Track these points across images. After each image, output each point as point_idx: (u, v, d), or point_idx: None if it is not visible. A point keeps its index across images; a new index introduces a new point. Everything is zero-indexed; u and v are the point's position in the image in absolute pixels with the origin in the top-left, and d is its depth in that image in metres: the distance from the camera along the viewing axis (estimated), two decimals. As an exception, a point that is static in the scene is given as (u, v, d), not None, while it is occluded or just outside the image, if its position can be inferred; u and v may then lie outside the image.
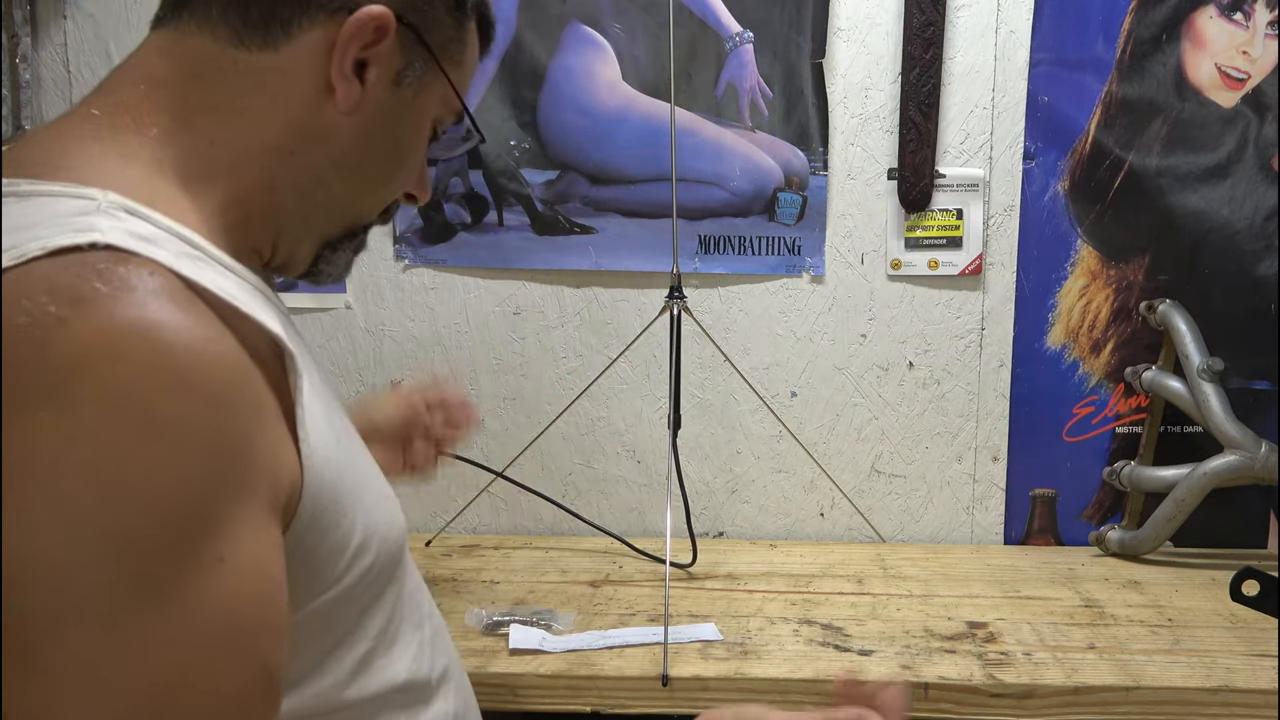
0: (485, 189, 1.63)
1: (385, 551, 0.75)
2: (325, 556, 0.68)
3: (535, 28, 1.59)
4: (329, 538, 0.68)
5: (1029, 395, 1.65)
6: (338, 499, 0.68)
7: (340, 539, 0.69)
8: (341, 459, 0.70)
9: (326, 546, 0.68)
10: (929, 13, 1.55)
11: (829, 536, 1.70)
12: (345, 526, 0.69)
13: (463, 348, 1.68)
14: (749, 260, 1.64)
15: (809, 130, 1.60)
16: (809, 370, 1.66)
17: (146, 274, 0.58)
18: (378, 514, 0.74)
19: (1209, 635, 1.28)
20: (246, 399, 0.60)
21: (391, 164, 0.78)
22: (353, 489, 0.71)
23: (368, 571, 0.72)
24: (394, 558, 0.77)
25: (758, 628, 1.29)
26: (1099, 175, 1.60)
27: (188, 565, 0.56)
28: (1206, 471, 1.52)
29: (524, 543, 1.65)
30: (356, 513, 0.71)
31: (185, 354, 0.57)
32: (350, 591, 0.71)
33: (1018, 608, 1.37)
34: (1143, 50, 1.58)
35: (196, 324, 0.58)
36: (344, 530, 0.69)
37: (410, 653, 0.79)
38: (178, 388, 0.56)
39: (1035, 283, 1.63)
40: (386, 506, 0.77)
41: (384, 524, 0.75)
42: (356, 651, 0.74)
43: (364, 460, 0.78)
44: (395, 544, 0.77)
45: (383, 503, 0.77)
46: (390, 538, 0.76)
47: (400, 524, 0.79)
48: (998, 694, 1.14)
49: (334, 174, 0.75)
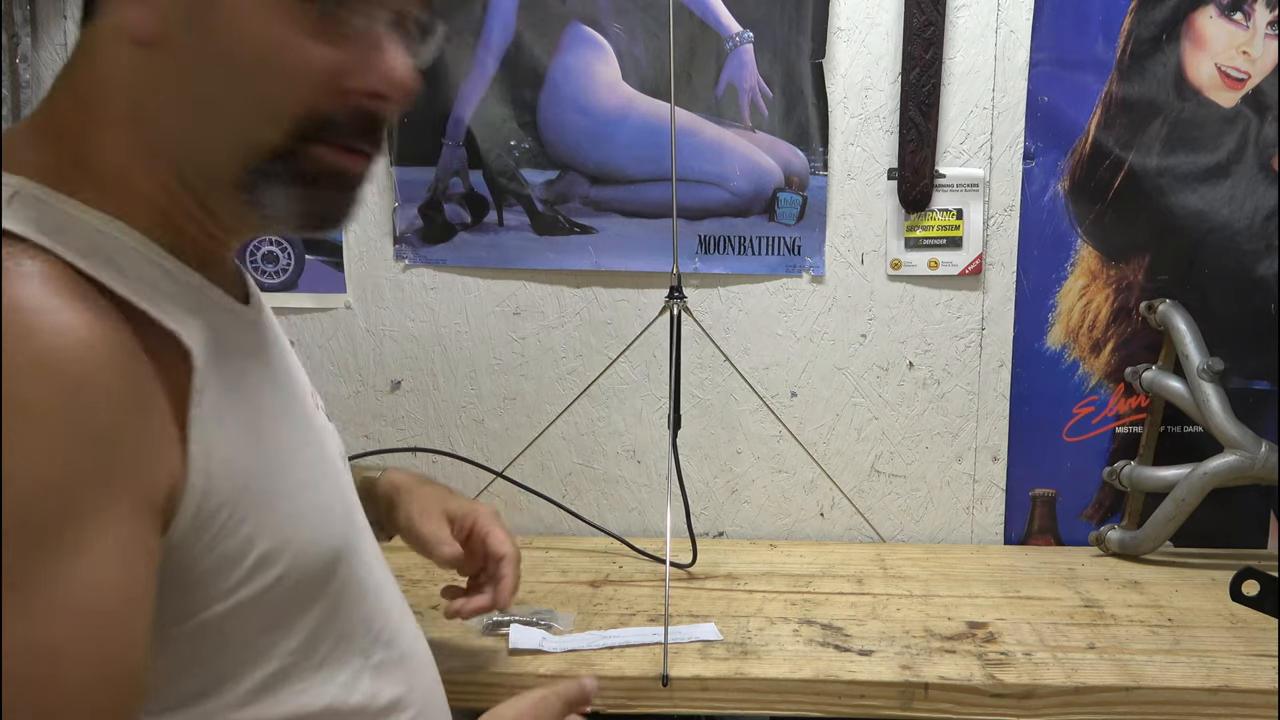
0: (485, 189, 1.63)
1: (301, 567, 0.72)
2: (215, 565, 0.66)
3: (535, 28, 1.59)
4: (220, 546, 0.66)
5: (1029, 395, 1.65)
6: (235, 507, 0.66)
7: (235, 549, 0.67)
8: (255, 466, 0.68)
9: (216, 555, 0.66)
10: (929, 13, 1.55)
11: (829, 536, 1.70)
12: (244, 536, 0.67)
13: (463, 348, 1.68)
14: (749, 260, 1.64)
15: (809, 130, 1.60)
16: (809, 370, 1.66)
17: (28, 260, 0.58)
18: (299, 527, 0.72)
19: (1209, 635, 1.28)
20: (115, 390, 0.59)
21: (230, 75, 0.66)
22: (262, 498, 0.69)
23: (273, 586, 0.69)
24: (317, 575, 0.74)
25: (758, 628, 1.29)
26: (1099, 175, 1.60)
27: (41, 549, 0.55)
28: (1206, 471, 1.52)
29: (524, 543, 1.63)
30: (262, 523, 0.68)
31: (48, 339, 0.56)
32: (250, 606, 0.68)
33: (1018, 608, 1.37)
34: (1143, 50, 1.58)
35: (67, 312, 0.58)
36: (241, 540, 0.67)
37: (340, 678, 0.76)
38: (34, 371, 0.56)
39: (1035, 283, 1.63)
40: (314, 520, 0.74)
41: (305, 538, 0.72)
42: (261, 671, 0.71)
43: (299, 469, 0.74)
44: (319, 560, 0.74)
45: (310, 515, 0.73)
46: (312, 553, 0.73)
47: (333, 541, 0.76)
48: (998, 694, 1.14)
49: (191, 114, 0.67)
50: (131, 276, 0.64)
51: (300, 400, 0.82)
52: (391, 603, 0.86)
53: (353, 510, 0.84)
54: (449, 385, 1.69)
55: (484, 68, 1.60)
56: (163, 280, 0.67)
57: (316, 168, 0.69)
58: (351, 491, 0.87)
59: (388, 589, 0.86)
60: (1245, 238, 1.60)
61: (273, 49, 0.66)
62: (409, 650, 0.86)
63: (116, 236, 0.66)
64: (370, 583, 0.82)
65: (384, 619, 0.83)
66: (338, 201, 0.72)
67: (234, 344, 0.72)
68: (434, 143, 1.62)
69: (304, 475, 0.75)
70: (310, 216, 0.71)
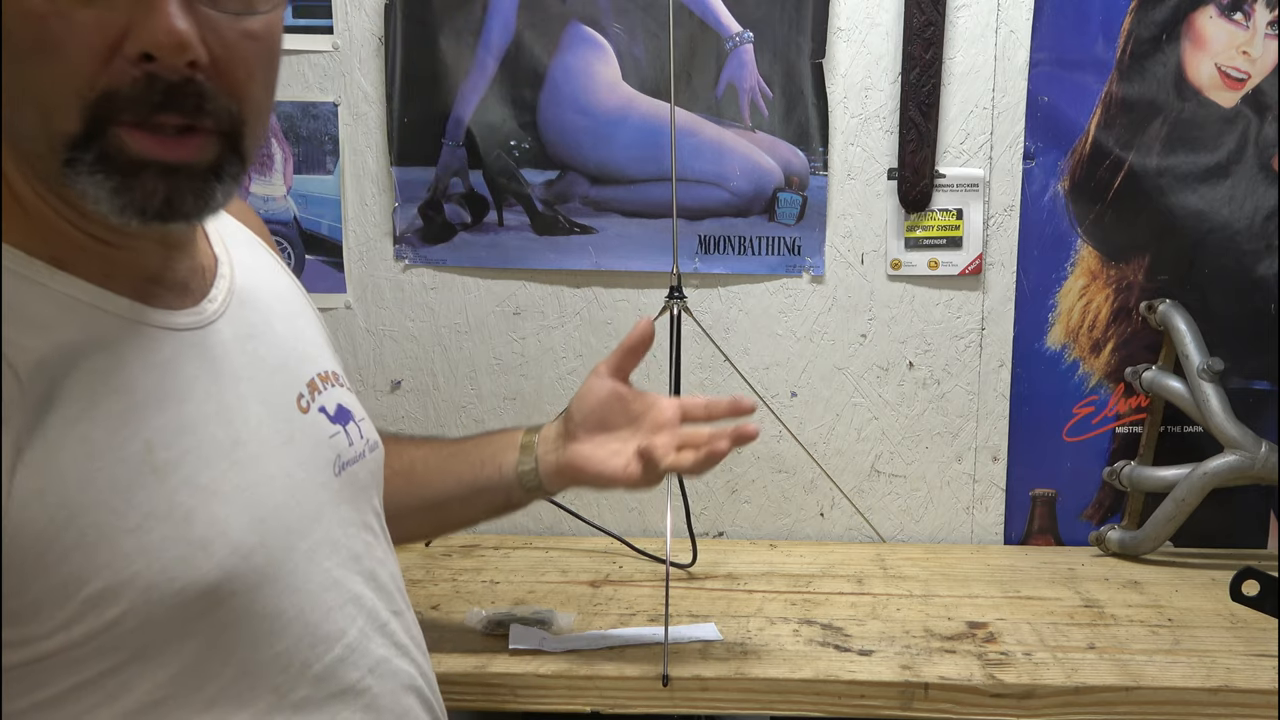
0: (485, 189, 1.63)
1: (153, 602, 0.66)
2: (34, 602, 0.63)
3: (535, 28, 1.59)
4: (41, 580, 0.62)
5: (1029, 395, 1.65)
6: (56, 539, 0.62)
7: (60, 583, 0.63)
8: (88, 497, 0.64)
9: (37, 590, 0.62)
10: (929, 13, 1.55)
11: (829, 536, 1.70)
12: (69, 571, 0.63)
13: (463, 348, 1.68)
14: (749, 260, 1.64)
15: (809, 130, 1.60)
16: (809, 370, 1.66)
17: None
18: (148, 561, 0.66)
19: (1209, 635, 1.28)
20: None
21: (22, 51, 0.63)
22: (96, 530, 0.64)
23: (116, 623, 0.65)
24: (181, 610, 0.68)
25: (758, 628, 1.29)
26: (1099, 175, 1.60)
27: None
28: (1206, 471, 1.52)
29: (524, 543, 1.64)
30: (95, 557, 0.64)
31: None
32: (91, 641, 0.65)
33: (1018, 608, 1.37)
34: (1143, 50, 1.58)
35: None
36: (66, 575, 0.63)
37: (240, 717, 0.72)
38: None
39: (1035, 283, 1.63)
40: (175, 553, 0.67)
41: (157, 573, 0.66)
42: (119, 705, 0.67)
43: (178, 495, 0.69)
44: (180, 596, 0.67)
45: (168, 548, 0.67)
46: (170, 589, 0.67)
47: (203, 575, 0.68)
48: (998, 694, 1.14)
49: (11, 110, 0.65)
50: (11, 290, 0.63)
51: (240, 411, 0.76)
52: (337, 633, 0.79)
53: (293, 533, 0.77)
54: (449, 385, 1.69)
55: (484, 68, 1.60)
56: (22, 294, 0.65)
57: (120, 153, 0.65)
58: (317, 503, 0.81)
59: (334, 619, 0.79)
60: (1245, 238, 1.60)
61: (42, 22, 0.62)
62: (357, 682, 0.80)
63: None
64: (298, 613, 0.76)
65: (315, 653, 0.77)
66: (160, 189, 0.67)
67: (122, 357, 0.68)
68: (434, 143, 1.62)
69: (183, 501, 0.69)
70: (135, 207, 0.66)
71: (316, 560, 0.79)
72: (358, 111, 1.64)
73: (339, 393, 0.90)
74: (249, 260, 0.87)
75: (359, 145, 1.64)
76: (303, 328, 0.91)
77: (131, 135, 0.65)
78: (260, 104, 0.72)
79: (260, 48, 0.70)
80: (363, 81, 1.63)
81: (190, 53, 0.64)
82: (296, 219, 1.66)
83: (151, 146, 0.66)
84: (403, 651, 0.87)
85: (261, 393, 0.79)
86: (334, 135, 1.64)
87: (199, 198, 0.69)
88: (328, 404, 0.87)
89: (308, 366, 0.88)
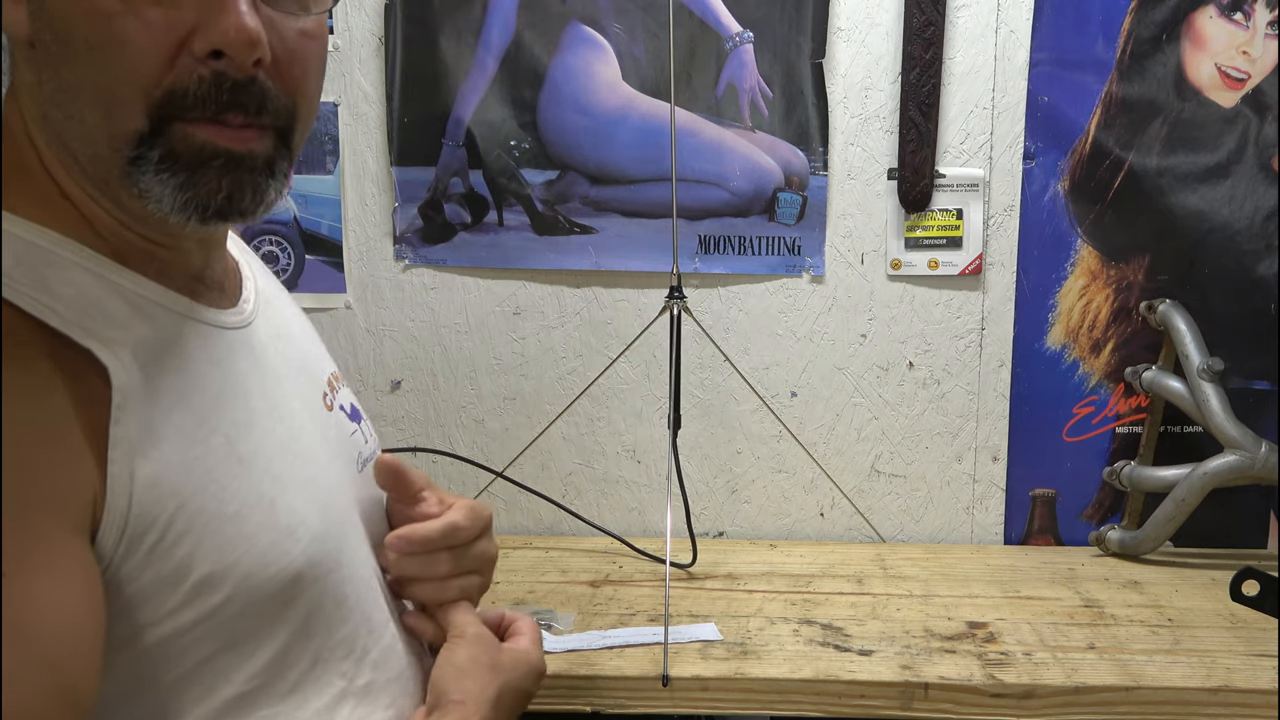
0: (485, 189, 1.63)
1: (251, 589, 0.69)
2: (148, 589, 0.64)
3: (535, 28, 1.59)
4: (152, 568, 0.64)
5: (1029, 395, 1.65)
6: (168, 528, 0.64)
7: (170, 572, 0.65)
8: (193, 486, 0.66)
9: (149, 578, 0.64)
10: (929, 13, 1.55)
11: (829, 536, 1.70)
12: (179, 559, 0.65)
13: (463, 348, 1.68)
14: (749, 260, 1.64)
15: (809, 130, 1.60)
16: (809, 370, 1.66)
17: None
18: (249, 549, 0.69)
19: (1209, 635, 1.28)
20: (16, 414, 0.58)
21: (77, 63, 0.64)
22: (201, 519, 0.66)
23: (219, 609, 0.67)
24: (273, 597, 0.70)
25: (758, 628, 1.29)
26: (1099, 175, 1.60)
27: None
28: (1206, 471, 1.52)
29: (524, 543, 1.65)
30: (202, 545, 0.66)
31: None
32: (195, 630, 0.66)
33: (1018, 608, 1.37)
34: (1143, 50, 1.58)
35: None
36: (176, 563, 0.65)
37: (317, 704, 0.74)
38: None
39: (1035, 283, 1.63)
40: (269, 541, 0.70)
41: (255, 559, 0.69)
42: (218, 697, 0.68)
43: (261, 484, 0.71)
44: (274, 583, 0.70)
45: (263, 536, 0.70)
46: (264, 576, 0.69)
47: (295, 563, 0.71)
48: (998, 694, 1.14)
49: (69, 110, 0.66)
50: (55, 291, 0.63)
51: (288, 407, 0.78)
52: (384, 621, 0.82)
53: (345, 524, 0.80)
54: (449, 385, 1.69)
55: (484, 68, 1.60)
56: (98, 290, 0.66)
57: (186, 147, 0.66)
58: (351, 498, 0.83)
59: (380, 607, 0.82)
60: (1245, 238, 1.60)
61: (109, 20, 0.63)
62: (402, 671, 0.83)
63: (46, 249, 0.65)
64: (357, 601, 0.79)
65: (372, 639, 0.80)
66: (224, 185, 0.68)
67: (189, 353, 0.70)
68: (434, 143, 1.63)
69: (266, 491, 0.71)
70: (197, 205, 0.67)
71: (361, 551, 0.82)
72: (358, 111, 1.64)
73: (348, 393, 0.93)
74: (254, 263, 0.89)
75: (359, 145, 1.64)
76: (308, 330, 0.93)
77: (198, 127, 0.66)
78: (313, 101, 0.74)
79: (315, 46, 0.72)
80: (363, 81, 1.63)
81: (260, 50, 0.66)
82: (297, 219, 1.66)
83: (218, 135, 0.67)
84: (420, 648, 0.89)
85: (299, 390, 0.82)
86: (334, 135, 1.64)
87: (256, 193, 0.70)
88: (344, 403, 0.90)
89: (324, 366, 0.91)
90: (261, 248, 1.65)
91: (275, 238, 1.65)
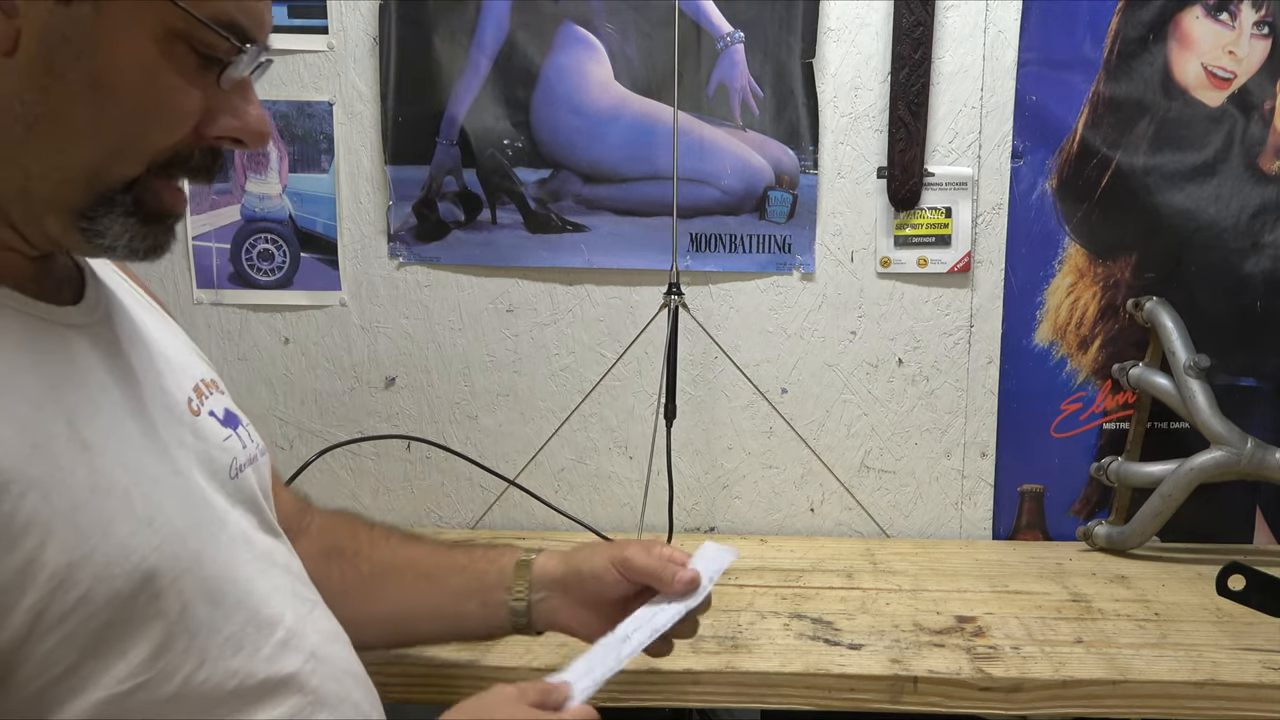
0: (479, 187, 1.64)
1: (114, 579, 0.67)
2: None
3: (528, 28, 1.60)
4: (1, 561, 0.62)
5: (1017, 391, 1.67)
6: (13, 516, 0.62)
7: (23, 562, 0.63)
8: (33, 471, 0.64)
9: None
10: (918, 13, 1.57)
11: (819, 531, 1.71)
12: (30, 548, 0.63)
13: (456, 345, 1.69)
14: (740, 258, 1.65)
15: (799, 129, 1.62)
16: (799, 367, 1.68)
17: None
18: (103, 535, 0.67)
19: (1195, 629, 1.30)
20: None
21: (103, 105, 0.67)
22: (49, 504, 0.64)
23: (80, 604, 0.65)
24: (139, 590, 0.68)
25: (748, 622, 1.30)
26: (1086, 174, 1.62)
27: None
28: (1193, 467, 1.53)
29: (516, 537, 1.65)
30: (53, 532, 0.64)
31: None
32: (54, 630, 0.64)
33: (1006, 602, 1.39)
34: (1130, 50, 1.59)
35: None
36: (28, 553, 0.63)
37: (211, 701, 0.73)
38: None
39: (1023, 280, 1.64)
40: (126, 529, 0.68)
41: (115, 547, 0.67)
42: (86, 699, 0.66)
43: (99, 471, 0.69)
44: (136, 573, 0.68)
45: (119, 524, 0.68)
46: (127, 565, 0.68)
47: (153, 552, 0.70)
48: (986, 687, 1.15)
49: (26, 133, 0.66)
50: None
51: (138, 406, 0.77)
52: (281, 615, 0.81)
53: (212, 524, 0.79)
54: (443, 382, 1.70)
55: (477, 68, 1.61)
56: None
57: (155, 203, 0.72)
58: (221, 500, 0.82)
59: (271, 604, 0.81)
60: (1231, 236, 1.62)
61: (156, 90, 0.68)
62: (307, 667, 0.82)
63: None
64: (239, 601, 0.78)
65: (266, 633, 0.79)
66: (164, 240, 0.75)
67: (19, 343, 0.69)
68: (428, 142, 1.63)
69: (119, 479, 0.70)
70: (141, 251, 0.73)
71: (238, 551, 0.81)
72: (352, 110, 1.64)
73: (223, 399, 0.91)
74: (101, 268, 0.87)
75: (354, 144, 1.65)
76: (171, 337, 0.91)
77: (165, 188, 0.73)
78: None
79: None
80: (357, 81, 1.64)
81: (265, 142, 0.76)
82: (292, 217, 1.66)
83: (178, 201, 0.74)
84: (333, 638, 0.88)
85: (155, 393, 0.81)
86: (329, 134, 1.65)
87: (171, 238, 0.76)
88: (215, 409, 0.88)
89: (194, 372, 0.89)
90: (257, 245, 1.66)
91: (271, 235, 1.66)
